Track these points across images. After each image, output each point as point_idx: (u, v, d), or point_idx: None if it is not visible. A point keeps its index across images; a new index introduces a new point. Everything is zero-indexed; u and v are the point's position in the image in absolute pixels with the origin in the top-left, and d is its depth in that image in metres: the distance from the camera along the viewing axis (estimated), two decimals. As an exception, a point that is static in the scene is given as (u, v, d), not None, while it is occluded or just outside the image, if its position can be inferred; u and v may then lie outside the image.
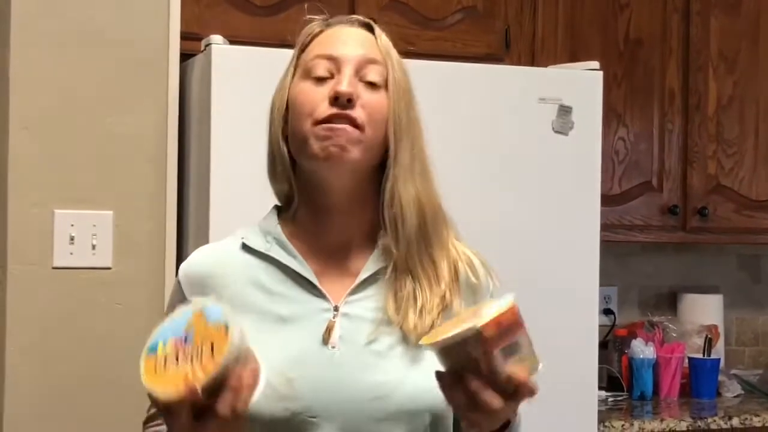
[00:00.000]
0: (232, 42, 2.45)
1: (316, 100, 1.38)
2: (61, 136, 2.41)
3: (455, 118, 2.55)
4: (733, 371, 3.61)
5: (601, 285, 2.72)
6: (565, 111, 2.65)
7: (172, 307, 1.43)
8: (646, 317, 3.55)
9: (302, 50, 1.44)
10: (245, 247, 1.44)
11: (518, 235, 2.61)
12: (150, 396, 1.20)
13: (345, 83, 1.37)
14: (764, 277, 3.83)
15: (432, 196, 1.43)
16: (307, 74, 1.40)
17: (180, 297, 1.44)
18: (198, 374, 1.16)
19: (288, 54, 2.44)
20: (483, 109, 2.58)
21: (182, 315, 1.25)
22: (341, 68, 1.39)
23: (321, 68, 1.39)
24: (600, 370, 2.77)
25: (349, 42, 1.41)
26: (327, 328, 1.38)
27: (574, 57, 3.09)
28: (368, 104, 1.38)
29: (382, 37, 1.44)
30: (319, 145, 1.36)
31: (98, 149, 2.43)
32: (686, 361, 3.39)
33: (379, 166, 1.42)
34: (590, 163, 2.69)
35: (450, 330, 1.20)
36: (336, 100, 1.36)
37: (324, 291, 1.40)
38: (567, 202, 2.66)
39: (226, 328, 1.20)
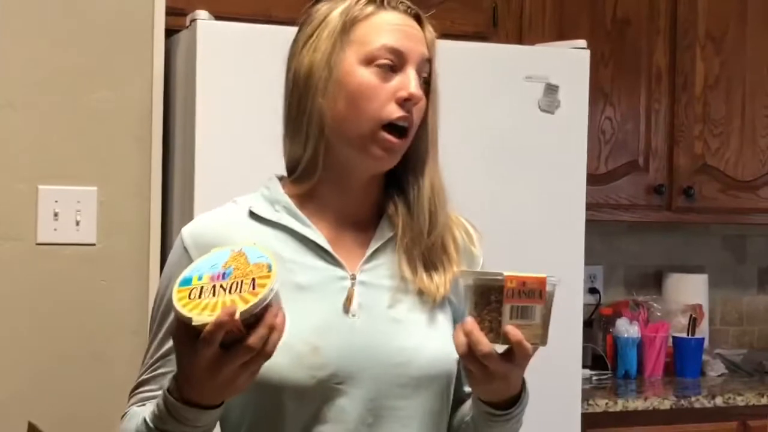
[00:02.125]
0: (217, 18, 2.43)
1: (383, 97, 1.39)
2: (45, 112, 2.40)
3: (442, 97, 2.53)
4: (717, 351, 3.62)
5: (586, 264, 2.73)
6: (551, 90, 2.64)
7: (172, 272, 1.42)
8: (631, 296, 3.57)
9: (353, 23, 1.41)
10: (252, 215, 1.44)
11: (504, 213, 2.61)
12: (177, 324, 1.20)
13: (415, 85, 1.39)
14: (749, 257, 3.85)
15: (441, 179, 1.48)
16: (369, 61, 1.39)
17: (186, 262, 1.39)
18: (239, 303, 1.17)
19: (275, 31, 2.44)
20: (469, 88, 2.57)
21: (218, 254, 1.25)
22: (405, 66, 1.40)
23: (386, 60, 1.39)
24: (585, 348, 2.78)
25: (413, 37, 1.42)
26: (347, 296, 1.40)
27: (561, 36, 3.08)
28: (422, 107, 1.43)
29: (430, 31, 1.46)
30: (378, 152, 1.40)
31: (82, 125, 2.42)
32: (670, 340, 3.41)
33: None
34: (576, 143, 2.69)
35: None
36: (405, 102, 1.39)
37: (339, 259, 1.42)
38: (553, 181, 2.66)
39: (269, 266, 1.21)
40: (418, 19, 1.45)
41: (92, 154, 2.43)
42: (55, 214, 2.39)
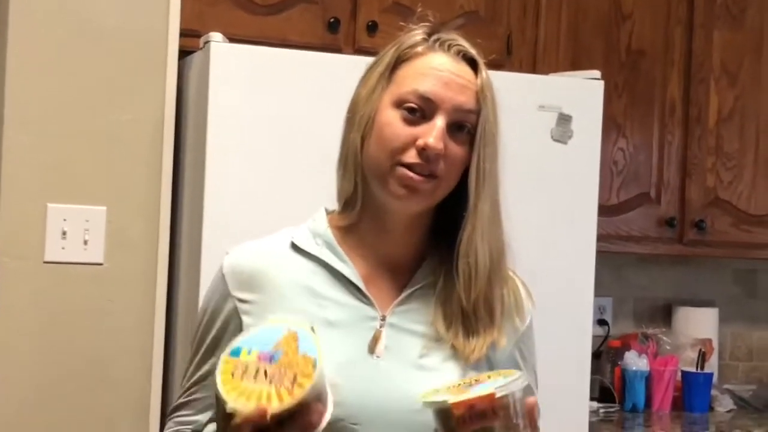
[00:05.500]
0: (231, 40, 2.43)
1: (403, 140, 1.36)
2: (56, 131, 2.40)
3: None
4: (726, 386, 3.59)
5: (596, 295, 2.71)
6: (564, 119, 2.63)
7: (211, 299, 1.45)
8: (640, 329, 3.53)
9: (400, 60, 1.40)
10: (294, 247, 1.44)
11: (514, 242, 2.58)
12: (216, 397, 1.20)
13: (435, 137, 1.36)
14: (760, 291, 3.82)
15: (502, 239, 1.44)
16: (399, 103, 1.38)
17: (223, 290, 1.43)
18: (273, 400, 1.17)
19: (288, 55, 2.44)
20: (482, 115, 2.56)
21: (274, 329, 1.25)
22: (435, 115, 1.37)
23: (414, 104, 1.37)
24: (593, 380, 2.75)
25: (451, 84, 1.38)
26: (374, 337, 1.39)
27: (575, 65, 3.08)
28: (452, 158, 1.38)
29: (483, 77, 1.41)
30: (397, 188, 1.37)
31: (93, 144, 2.42)
32: (679, 374, 3.38)
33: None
34: (588, 173, 2.68)
35: (440, 394, 1.27)
36: (423, 150, 1.36)
37: (371, 298, 1.41)
38: (564, 212, 2.64)
39: (314, 364, 1.20)
40: (472, 64, 1.41)
41: (102, 173, 2.42)
42: (64, 233, 2.38)
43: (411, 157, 1.36)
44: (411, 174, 1.36)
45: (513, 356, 1.48)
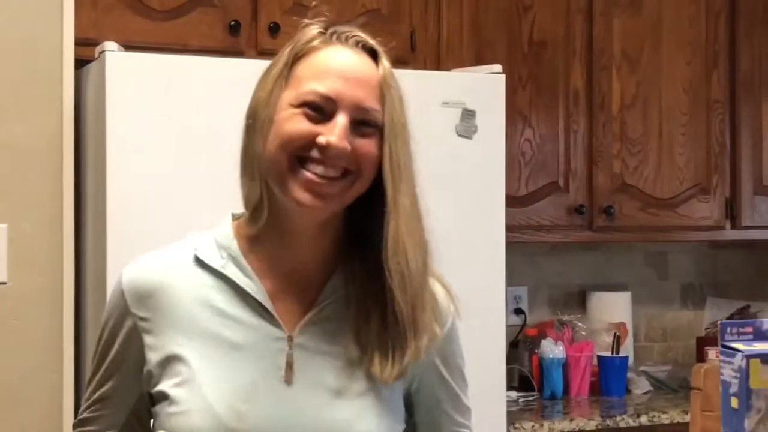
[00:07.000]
0: (130, 48, 2.40)
1: (304, 137, 1.30)
2: (-49, 147, 2.34)
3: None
4: (642, 368, 3.65)
5: (511, 285, 2.74)
6: (468, 115, 2.65)
7: (111, 314, 1.39)
8: (556, 316, 3.58)
9: (297, 58, 1.33)
10: (197, 261, 1.37)
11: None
12: None
13: (337, 135, 1.29)
14: (671, 273, 3.89)
15: (425, 236, 1.36)
16: (298, 102, 1.31)
17: (122, 307, 1.37)
18: None
19: (187, 61, 2.41)
20: (387, 114, 2.56)
21: None
22: (336, 112, 1.30)
23: (314, 102, 1.30)
24: (511, 370, 2.78)
25: (351, 79, 1.31)
26: (284, 361, 1.32)
27: (479, 59, 3.09)
28: (365, 154, 1.31)
29: (385, 67, 1.34)
30: (300, 194, 1.30)
31: (-10, 160, 2.36)
32: (595, 359, 3.42)
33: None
34: (495, 167, 2.70)
35: None
36: (326, 149, 1.29)
37: (278, 318, 1.34)
38: (472, 206, 2.66)
39: None
40: (372, 55, 1.35)
41: (1, 190, 2.36)
42: (-36, 253, 2.33)
43: (313, 155, 1.30)
44: (315, 179, 1.30)
45: (434, 365, 1.43)
